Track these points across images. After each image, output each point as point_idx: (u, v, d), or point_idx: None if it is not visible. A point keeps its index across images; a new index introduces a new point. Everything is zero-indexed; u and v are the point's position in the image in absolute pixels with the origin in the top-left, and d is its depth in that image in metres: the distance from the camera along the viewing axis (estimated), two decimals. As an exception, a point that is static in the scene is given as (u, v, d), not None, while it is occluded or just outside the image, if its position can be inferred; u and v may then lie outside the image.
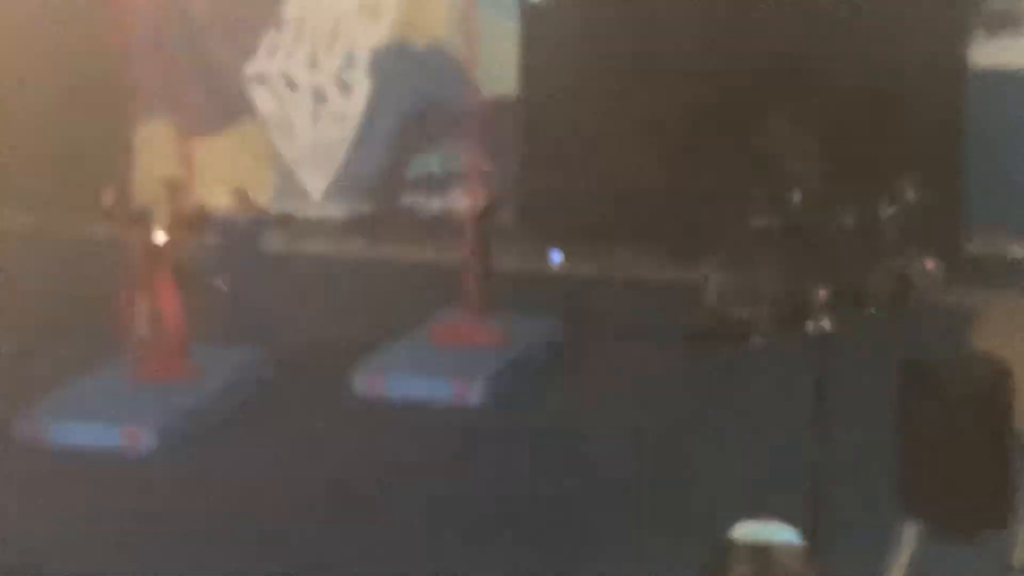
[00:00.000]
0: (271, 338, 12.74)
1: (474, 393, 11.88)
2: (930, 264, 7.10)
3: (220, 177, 16.70)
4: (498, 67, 16.86)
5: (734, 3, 15.46)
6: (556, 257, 15.45)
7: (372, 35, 17.31)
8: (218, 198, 14.59)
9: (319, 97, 17.55)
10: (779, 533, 3.46)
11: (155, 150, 15.58)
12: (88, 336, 13.12)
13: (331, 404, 11.86)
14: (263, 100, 17.70)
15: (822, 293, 6.99)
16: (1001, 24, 15.67)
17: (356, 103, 17.61)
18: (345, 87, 17.56)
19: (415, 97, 17.18)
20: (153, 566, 9.20)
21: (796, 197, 7.13)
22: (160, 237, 11.69)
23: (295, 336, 13.20)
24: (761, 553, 3.39)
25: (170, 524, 9.79)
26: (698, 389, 12.11)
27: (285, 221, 17.08)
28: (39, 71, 17.07)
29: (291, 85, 17.62)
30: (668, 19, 15.71)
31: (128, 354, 11.98)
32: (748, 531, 3.48)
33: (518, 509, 10.03)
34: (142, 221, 11.91)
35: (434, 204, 17.15)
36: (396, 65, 17.34)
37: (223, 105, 17.59)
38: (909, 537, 8.65)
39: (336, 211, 17.74)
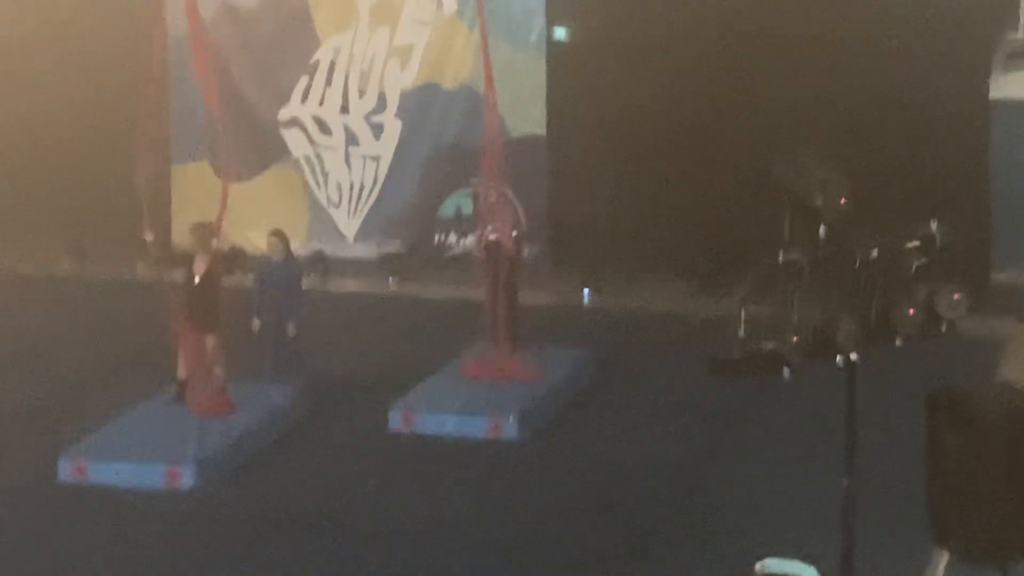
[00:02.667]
0: (307, 375, 12.87)
1: (508, 427, 12.00)
2: (956, 294, 7.19)
3: (257, 219, 16.93)
4: (526, 106, 17.09)
5: (758, 44, 15.61)
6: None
7: (402, 78, 17.55)
8: (256, 240, 14.82)
9: (351, 139, 17.80)
10: (801, 570, 3.56)
11: (193, 194, 15.83)
12: (128, 376, 13.32)
13: (366, 440, 11.98)
14: (297, 144, 17.97)
15: (849, 325, 7.10)
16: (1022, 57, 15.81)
17: (387, 144, 17.86)
18: (376, 129, 17.80)
19: (445, 137, 17.42)
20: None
21: (823, 231, 7.24)
22: (198, 278, 11.87)
23: (330, 373, 13.34)
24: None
25: (208, 558, 9.92)
26: (729, 421, 12.21)
27: (319, 260, 17.33)
28: (79, 118, 17.37)
29: (324, 128, 17.87)
30: (695, 56, 15.88)
31: (168, 393, 12.15)
32: (771, 566, 3.58)
33: (553, 541, 10.13)
34: (181, 263, 12.11)
35: (464, 242, 17.33)
36: (426, 107, 17.60)
37: (259, 149, 17.82)
38: (940, 566, 8.72)
39: (369, 250, 17.99)
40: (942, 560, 8.35)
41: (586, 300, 16.55)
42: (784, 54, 15.56)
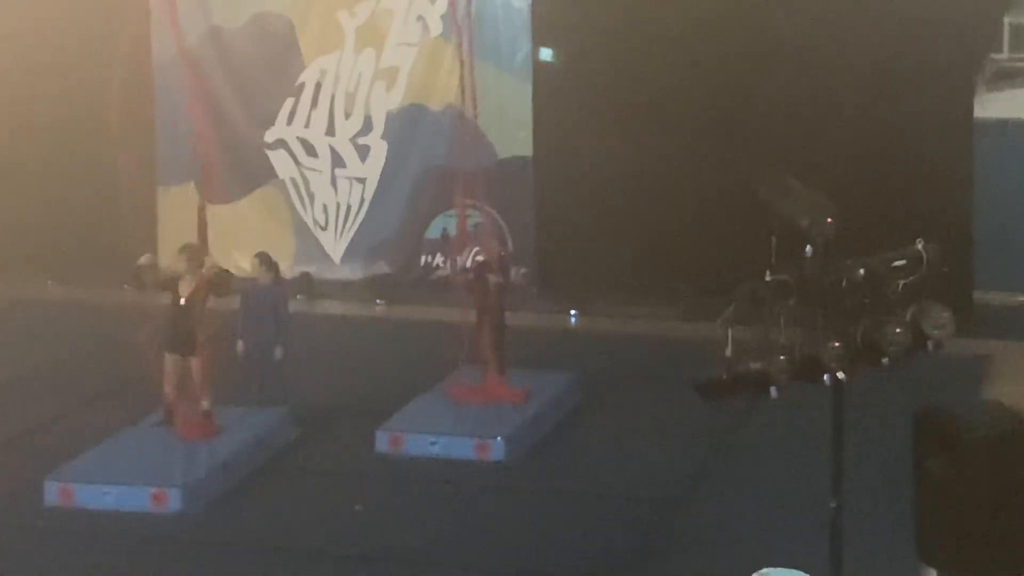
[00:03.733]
0: (295, 398, 12.86)
1: (495, 449, 11.99)
2: (943, 313, 7.22)
3: (243, 241, 16.92)
4: (512, 128, 17.13)
5: (744, 67, 15.67)
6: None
7: (388, 100, 17.60)
8: (242, 262, 14.81)
9: (337, 161, 17.83)
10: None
11: (180, 217, 15.81)
12: (115, 399, 13.29)
13: (353, 462, 11.96)
14: (283, 165, 17.99)
15: (836, 345, 7.12)
16: (1005, 78, 15.93)
17: (373, 166, 17.89)
18: (362, 151, 17.83)
19: (431, 159, 17.44)
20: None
21: (809, 251, 7.26)
22: (184, 301, 11.83)
23: (317, 395, 13.34)
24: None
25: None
26: (716, 441, 12.22)
27: (305, 282, 17.35)
28: (63, 141, 17.38)
29: (310, 150, 17.89)
30: (681, 78, 15.94)
31: (155, 416, 12.13)
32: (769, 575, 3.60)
33: (540, 563, 10.12)
34: (168, 286, 12.09)
35: (451, 263, 17.34)
36: (412, 128, 17.60)
37: (245, 171, 17.85)
38: (928, 584, 8.73)
39: (355, 272, 18.00)
40: (930, 579, 8.35)
41: (573, 322, 16.57)
42: (770, 76, 15.62)
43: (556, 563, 10.10)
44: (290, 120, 17.63)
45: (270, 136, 17.67)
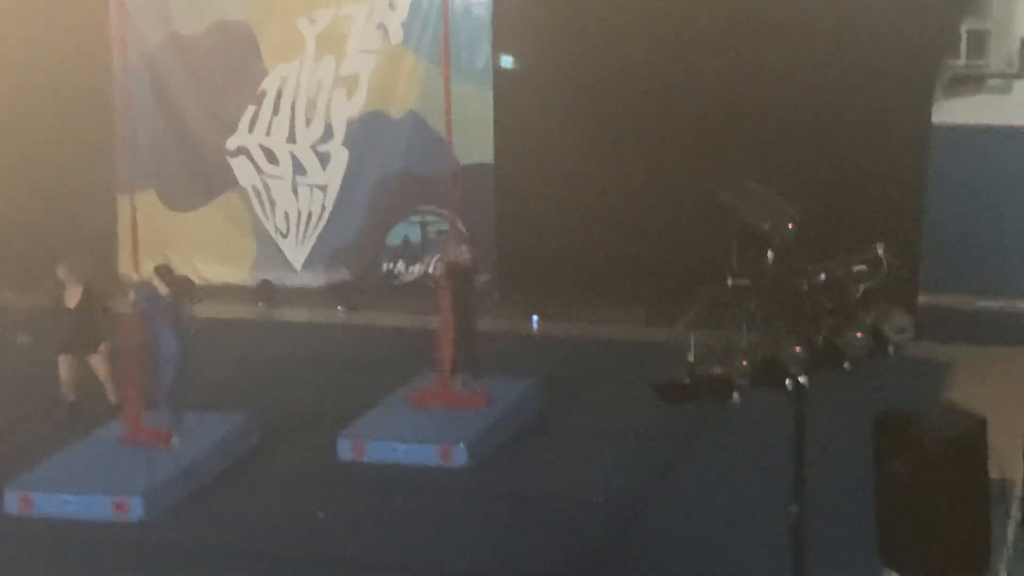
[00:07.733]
0: (255, 404, 12.82)
1: (458, 455, 12.00)
2: (902, 318, 7.29)
3: (205, 248, 16.85)
4: (474, 134, 17.15)
5: (704, 73, 15.75)
6: None
7: (349, 107, 17.59)
8: (203, 269, 14.81)
9: (298, 168, 17.80)
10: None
11: (140, 223, 15.73)
12: (75, 407, 13.21)
13: (315, 469, 11.94)
14: (244, 173, 17.95)
15: (798, 349, 7.17)
16: (960, 84, 16.09)
17: (334, 173, 17.88)
18: (323, 158, 17.82)
19: (392, 166, 17.48)
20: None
21: (771, 256, 7.32)
22: (75, 307, 12.43)
23: (278, 402, 13.30)
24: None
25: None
26: (678, 446, 12.27)
27: (266, 289, 17.32)
28: (21, 148, 17.28)
29: (271, 157, 17.86)
30: (641, 84, 16.01)
31: (115, 425, 12.07)
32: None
33: (503, 569, 10.14)
34: (56, 294, 12.57)
35: (413, 270, 17.37)
36: (372, 135, 17.67)
37: (206, 178, 17.80)
38: (889, 586, 8.79)
39: (317, 279, 17.97)
40: (891, 581, 8.42)
41: (535, 327, 16.60)
42: (729, 82, 15.71)
43: (519, 567, 10.11)
44: (251, 127, 17.61)
45: (232, 143, 17.64)
